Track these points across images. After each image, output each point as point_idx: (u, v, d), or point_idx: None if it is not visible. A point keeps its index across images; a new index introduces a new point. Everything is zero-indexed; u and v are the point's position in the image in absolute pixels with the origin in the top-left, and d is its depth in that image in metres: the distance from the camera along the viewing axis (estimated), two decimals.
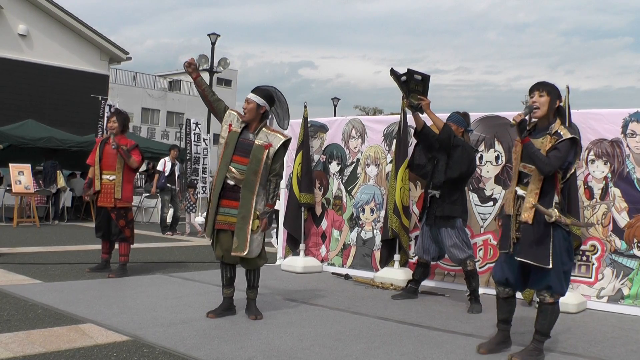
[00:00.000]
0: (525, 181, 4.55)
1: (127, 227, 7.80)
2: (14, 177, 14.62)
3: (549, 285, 4.44)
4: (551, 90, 4.53)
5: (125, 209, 7.81)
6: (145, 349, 4.49)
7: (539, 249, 4.41)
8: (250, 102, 5.51)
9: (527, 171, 4.53)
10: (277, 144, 5.51)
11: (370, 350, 4.65)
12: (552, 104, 4.52)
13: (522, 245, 4.48)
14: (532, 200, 4.44)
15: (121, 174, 7.70)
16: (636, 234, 6.55)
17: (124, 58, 25.56)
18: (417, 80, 6.49)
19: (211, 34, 24.69)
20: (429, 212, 6.65)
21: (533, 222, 4.43)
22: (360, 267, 8.53)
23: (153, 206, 18.06)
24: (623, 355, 4.85)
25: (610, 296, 6.66)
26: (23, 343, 4.44)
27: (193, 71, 5.56)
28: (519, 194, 4.56)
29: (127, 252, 7.90)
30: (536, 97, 4.52)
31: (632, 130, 6.65)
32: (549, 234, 4.42)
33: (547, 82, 4.58)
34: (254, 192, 5.42)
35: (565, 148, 4.40)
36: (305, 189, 8.77)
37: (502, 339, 4.74)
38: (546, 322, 4.54)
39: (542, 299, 4.52)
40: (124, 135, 7.90)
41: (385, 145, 8.47)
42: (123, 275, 7.70)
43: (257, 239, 5.48)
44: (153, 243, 12.12)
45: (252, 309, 5.68)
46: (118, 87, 43.30)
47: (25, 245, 10.53)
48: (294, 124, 9.38)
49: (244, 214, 5.42)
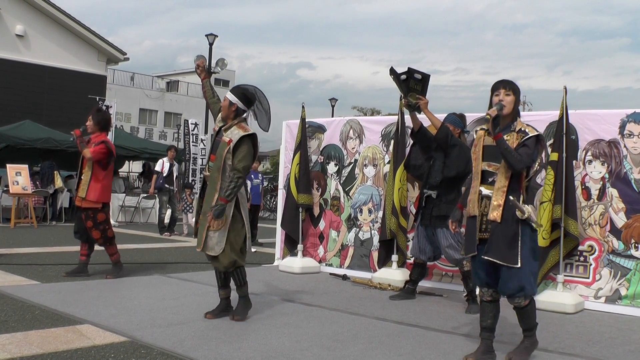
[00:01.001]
0: (490, 180, 4.48)
1: (94, 228, 7.54)
2: (12, 177, 14.60)
3: (522, 286, 4.35)
4: (516, 90, 4.52)
5: (93, 210, 7.52)
6: (142, 349, 4.48)
7: (508, 248, 4.34)
8: (225, 100, 5.56)
9: (492, 169, 4.47)
10: (236, 139, 5.42)
11: (368, 351, 4.65)
12: (516, 103, 4.51)
13: (490, 245, 4.39)
14: (501, 199, 4.36)
15: (90, 172, 7.51)
16: (633, 234, 6.56)
17: (121, 59, 25.57)
18: (417, 79, 6.47)
19: (209, 34, 24.69)
20: (424, 212, 6.66)
21: (501, 220, 4.35)
22: (358, 268, 8.53)
23: (151, 207, 18.07)
24: (621, 356, 4.86)
25: (607, 296, 6.66)
26: (20, 344, 4.43)
27: (202, 72, 5.90)
28: (484, 194, 4.48)
29: (113, 251, 7.74)
30: (502, 95, 4.49)
31: (629, 130, 6.66)
32: (517, 232, 4.35)
33: (511, 80, 4.56)
34: (216, 188, 5.40)
35: (532, 144, 4.39)
36: (303, 190, 8.77)
37: (487, 349, 4.55)
38: (530, 320, 4.51)
39: (518, 304, 4.44)
40: (102, 134, 7.70)
41: (383, 146, 8.48)
42: (119, 273, 7.68)
43: (215, 236, 5.40)
44: (151, 244, 12.11)
45: (237, 308, 5.61)
46: (115, 87, 43.25)
47: (22, 246, 10.52)
48: (292, 124, 9.40)
49: (205, 210, 5.46)
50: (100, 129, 7.70)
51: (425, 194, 6.65)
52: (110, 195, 7.86)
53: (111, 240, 7.74)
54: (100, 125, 7.70)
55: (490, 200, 4.43)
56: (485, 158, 4.52)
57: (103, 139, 7.61)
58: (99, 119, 7.74)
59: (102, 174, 7.58)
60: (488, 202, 4.44)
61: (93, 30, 24.15)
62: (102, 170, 7.58)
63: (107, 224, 7.70)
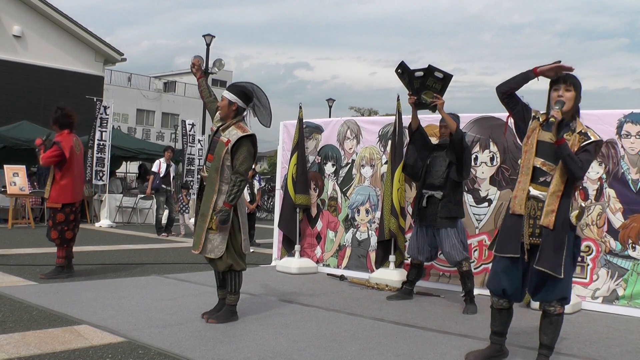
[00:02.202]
0: (541, 180, 4.14)
1: (53, 228, 7.48)
2: (9, 178, 14.60)
3: (564, 296, 4.13)
4: (577, 85, 4.16)
5: (53, 209, 7.50)
6: (140, 350, 4.48)
7: (555, 257, 4.04)
8: (223, 99, 5.47)
9: (547, 169, 4.13)
10: (234, 139, 5.36)
11: (366, 351, 4.65)
12: (577, 100, 4.16)
13: (542, 253, 4.07)
14: (555, 204, 4.05)
15: (52, 174, 7.55)
16: (631, 234, 6.57)
17: (118, 59, 25.56)
18: (437, 78, 6.38)
19: (206, 35, 24.69)
20: (426, 212, 6.59)
21: (554, 228, 4.04)
22: (356, 268, 8.53)
23: (148, 207, 18.05)
24: (618, 356, 4.86)
25: (605, 297, 6.67)
26: (18, 344, 4.43)
27: (197, 71, 5.81)
28: (532, 194, 4.15)
29: (62, 255, 7.58)
30: (562, 91, 4.14)
31: (626, 131, 6.67)
32: (564, 240, 4.06)
33: (574, 75, 4.18)
34: (214, 189, 5.34)
35: (593, 150, 4.08)
36: (301, 190, 8.77)
37: (493, 353, 4.41)
38: (555, 335, 4.23)
39: (552, 311, 4.17)
40: (63, 132, 7.62)
41: (381, 146, 8.48)
42: (54, 277, 7.41)
43: (216, 238, 5.35)
44: (148, 244, 12.10)
45: (219, 314, 5.49)
46: (113, 88, 43.25)
47: (20, 247, 10.51)
48: (289, 124, 9.40)
49: (203, 211, 5.39)
50: (59, 127, 7.64)
51: (427, 195, 6.58)
52: (72, 196, 7.57)
53: (68, 242, 7.60)
54: (58, 124, 7.65)
55: (537, 202, 4.14)
56: (539, 154, 4.16)
57: (58, 140, 7.52)
58: (54, 118, 7.69)
59: (59, 174, 7.52)
60: (536, 204, 4.14)
61: (90, 31, 24.15)
62: (58, 171, 7.52)
63: (66, 224, 7.53)
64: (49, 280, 7.29)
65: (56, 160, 7.44)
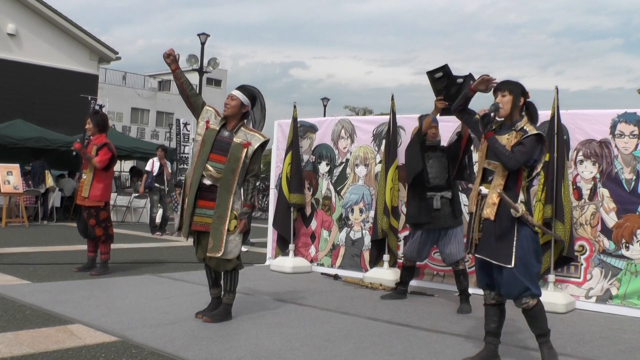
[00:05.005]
0: (489, 179, 4.41)
1: (97, 226, 7.79)
2: (3, 177, 14.54)
3: (526, 286, 4.21)
4: (513, 89, 4.43)
5: (95, 208, 7.77)
6: (133, 349, 4.47)
7: (501, 247, 4.23)
8: (235, 99, 5.40)
9: (492, 168, 4.40)
10: (256, 144, 5.37)
11: (359, 351, 4.65)
12: (515, 101, 4.41)
13: (483, 243, 4.34)
14: (495, 197, 4.28)
15: (92, 173, 7.77)
16: (624, 234, 6.58)
17: (113, 58, 25.49)
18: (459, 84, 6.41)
19: (201, 34, 24.62)
20: (439, 214, 6.46)
21: (495, 218, 4.26)
22: (350, 268, 8.53)
23: (142, 206, 18.02)
24: (611, 355, 4.87)
25: (598, 296, 6.69)
26: (11, 344, 4.42)
27: (172, 62, 5.47)
28: (482, 193, 4.41)
29: (106, 251, 7.95)
30: (499, 97, 4.44)
31: (620, 130, 6.68)
32: (512, 232, 4.24)
33: (510, 80, 4.50)
34: (231, 191, 5.31)
35: (530, 143, 4.28)
36: (295, 189, 8.76)
37: (488, 356, 4.44)
38: (542, 323, 4.33)
39: (526, 306, 4.28)
40: (102, 135, 7.91)
41: (375, 146, 8.48)
42: (104, 273, 7.79)
43: (235, 239, 5.34)
44: (142, 243, 12.08)
45: (214, 313, 5.48)
46: (107, 87, 43.19)
47: (13, 246, 10.47)
48: (284, 124, 9.40)
49: (220, 213, 5.30)
50: (99, 130, 7.93)
51: (438, 196, 6.48)
52: (110, 194, 8.14)
53: (111, 237, 8.00)
54: (99, 127, 7.94)
55: (484, 199, 4.38)
56: (488, 156, 4.46)
57: (104, 141, 7.82)
58: (98, 121, 7.97)
59: (104, 174, 7.87)
60: (485, 201, 4.37)
61: (85, 30, 24.07)
62: (104, 171, 7.86)
63: (109, 221, 7.98)
64: (97, 276, 7.60)
65: (109, 161, 7.86)
